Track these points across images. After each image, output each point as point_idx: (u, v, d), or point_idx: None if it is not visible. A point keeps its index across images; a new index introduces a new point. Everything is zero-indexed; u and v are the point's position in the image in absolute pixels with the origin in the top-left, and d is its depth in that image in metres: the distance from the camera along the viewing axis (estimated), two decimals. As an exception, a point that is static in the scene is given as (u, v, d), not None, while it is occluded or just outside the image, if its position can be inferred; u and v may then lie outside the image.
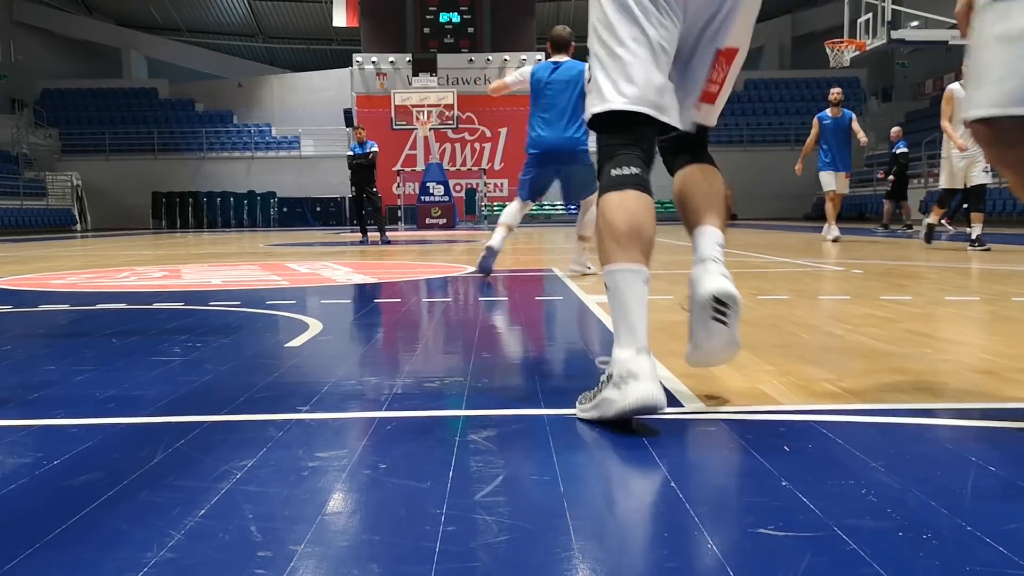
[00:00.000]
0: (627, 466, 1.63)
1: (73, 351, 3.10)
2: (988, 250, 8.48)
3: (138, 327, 3.72)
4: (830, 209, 11.39)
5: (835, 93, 11.18)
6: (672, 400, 2.15)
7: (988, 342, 2.97)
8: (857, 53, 16.72)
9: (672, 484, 1.49)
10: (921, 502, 1.39)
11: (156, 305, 4.56)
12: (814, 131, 11.30)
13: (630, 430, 1.85)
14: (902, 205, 16.14)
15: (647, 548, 1.22)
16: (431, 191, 22.36)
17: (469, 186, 29.00)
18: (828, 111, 11.32)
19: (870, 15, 16.42)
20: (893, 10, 16.27)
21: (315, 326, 3.59)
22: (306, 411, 2.06)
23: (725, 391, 2.25)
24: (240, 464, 1.62)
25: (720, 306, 1.97)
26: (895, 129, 16.90)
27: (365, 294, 5.37)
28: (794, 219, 24.48)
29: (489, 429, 1.89)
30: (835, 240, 11.06)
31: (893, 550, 1.19)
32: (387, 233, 13.67)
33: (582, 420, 1.93)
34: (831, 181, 11.30)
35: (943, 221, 9.85)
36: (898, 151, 16.11)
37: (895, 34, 15.90)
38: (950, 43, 17.11)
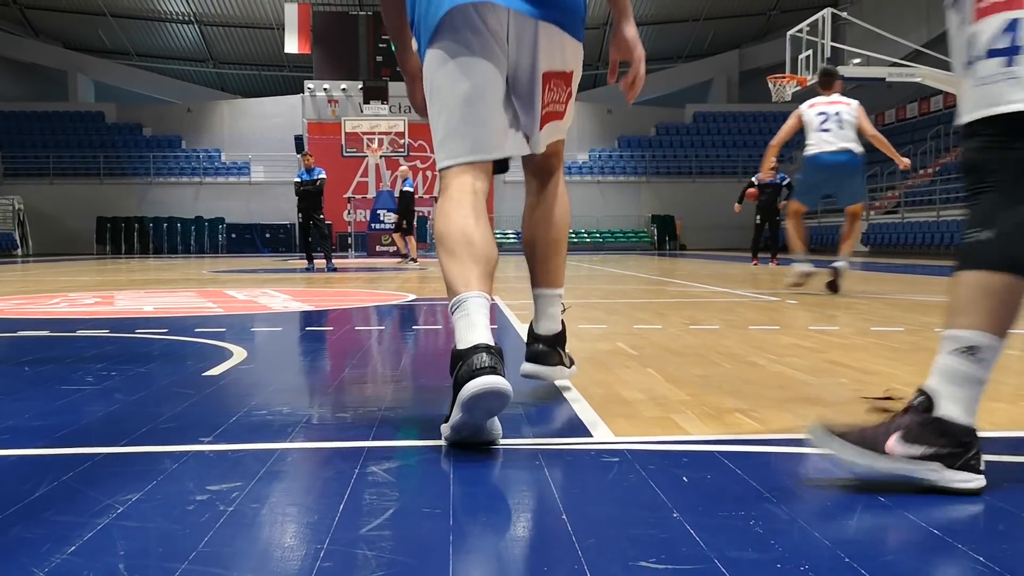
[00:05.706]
0: (522, 498, 1.62)
1: (-20, 380, 3.00)
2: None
3: (54, 355, 3.62)
4: None
5: None
6: (581, 430, 2.15)
7: (901, 371, 3.02)
8: (799, 88, 17.12)
9: (563, 516, 1.48)
10: (805, 533, 1.39)
11: (79, 332, 4.45)
12: None
13: (533, 462, 1.84)
14: (408, 240, 16.03)
15: (524, 582, 1.21)
16: (381, 218, 22.25)
17: (420, 214, 28.92)
18: None
19: (810, 51, 16.85)
20: (833, 47, 16.72)
21: (239, 354, 3.53)
22: (208, 442, 2.01)
23: (636, 421, 2.26)
24: (124, 498, 1.57)
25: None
26: (403, 168, 16.72)
27: (298, 322, 5.30)
28: (742, 250, 24.85)
29: (392, 461, 1.86)
30: None
31: (765, 582, 1.20)
32: (333, 260, 13.57)
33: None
34: None
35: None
36: (405, 188, 16.06)
37: (835, 70, 16.34)
38: (887, 80, 17.63)
